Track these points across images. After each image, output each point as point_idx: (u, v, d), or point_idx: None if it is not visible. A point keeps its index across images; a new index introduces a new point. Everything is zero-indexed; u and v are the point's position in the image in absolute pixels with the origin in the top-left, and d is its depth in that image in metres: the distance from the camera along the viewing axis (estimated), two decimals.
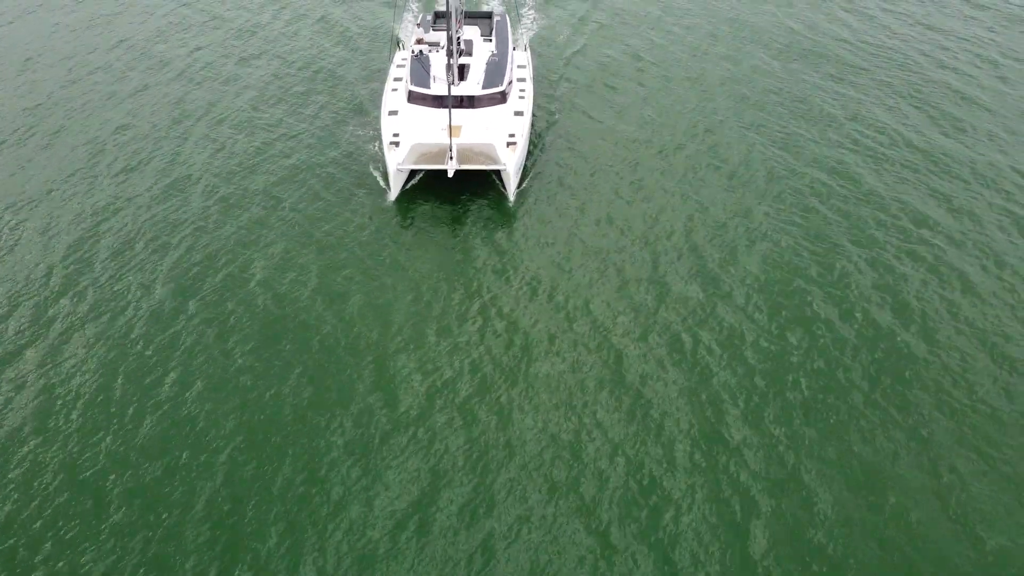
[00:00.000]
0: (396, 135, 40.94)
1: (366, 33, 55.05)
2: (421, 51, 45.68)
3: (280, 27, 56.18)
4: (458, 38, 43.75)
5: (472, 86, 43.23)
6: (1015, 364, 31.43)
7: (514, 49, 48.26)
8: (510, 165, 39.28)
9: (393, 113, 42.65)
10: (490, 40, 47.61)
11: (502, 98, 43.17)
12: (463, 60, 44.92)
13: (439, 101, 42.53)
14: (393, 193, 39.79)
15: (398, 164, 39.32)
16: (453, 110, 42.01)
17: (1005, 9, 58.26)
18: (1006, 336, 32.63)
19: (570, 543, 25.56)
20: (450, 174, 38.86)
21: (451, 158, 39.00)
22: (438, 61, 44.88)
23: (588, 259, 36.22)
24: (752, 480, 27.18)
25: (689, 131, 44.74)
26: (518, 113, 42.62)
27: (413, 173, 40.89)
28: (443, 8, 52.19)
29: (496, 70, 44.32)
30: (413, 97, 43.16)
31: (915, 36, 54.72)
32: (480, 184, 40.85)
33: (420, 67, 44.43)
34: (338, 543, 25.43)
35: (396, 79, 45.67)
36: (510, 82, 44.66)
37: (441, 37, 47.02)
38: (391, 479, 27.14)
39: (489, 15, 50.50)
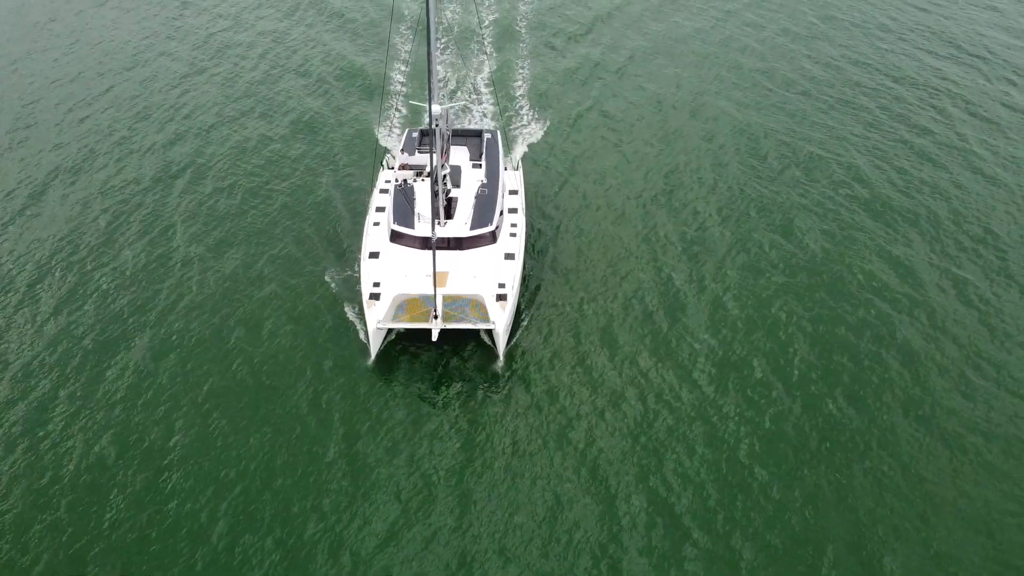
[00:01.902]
0: (377, 285, 37.72)
1: (350, 144, 51.83)
2: (405, 180, 42.44)
3: (253, 142, 53.03)
4: (444, 176, 40.55)
5: (459, 226, 40.02)
6: (947, 434, 33.32)
7: (505, 169, 45.09)
8: (499, 324, 36.06)
9: (374, 256, 39.40)
10: (480, 165, 44.31)
11: (492, 238, 39.99)
12: (450, 193, 41.76)
13: (424, 243, 39.36)
14: (373, 353, 36.49)
15: (378, 323, 36.09)
16: (440, 252, 38.92)
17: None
18: (941, 405, 34.51)
19: None
20: (434, 336, 35.60)
21: (435, 316, 35.81)
22: (423, 192, 41.64)
23: (578, 451, 33.02)
24: None
25: (701, 275, 41.67)
26: (509, 256, 39.41)
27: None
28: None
29: (486, 205, 41.13)
30: (396, 237, 39.97)
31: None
32: (466, 336, 37.67)
33: (404, 201, 41.22)
34: None
35: (378, 208, 42.44)
36: (501, 213, 41.54)
37: (427, 160, 43.88)
38: None
39: (479, 133, 46.99)
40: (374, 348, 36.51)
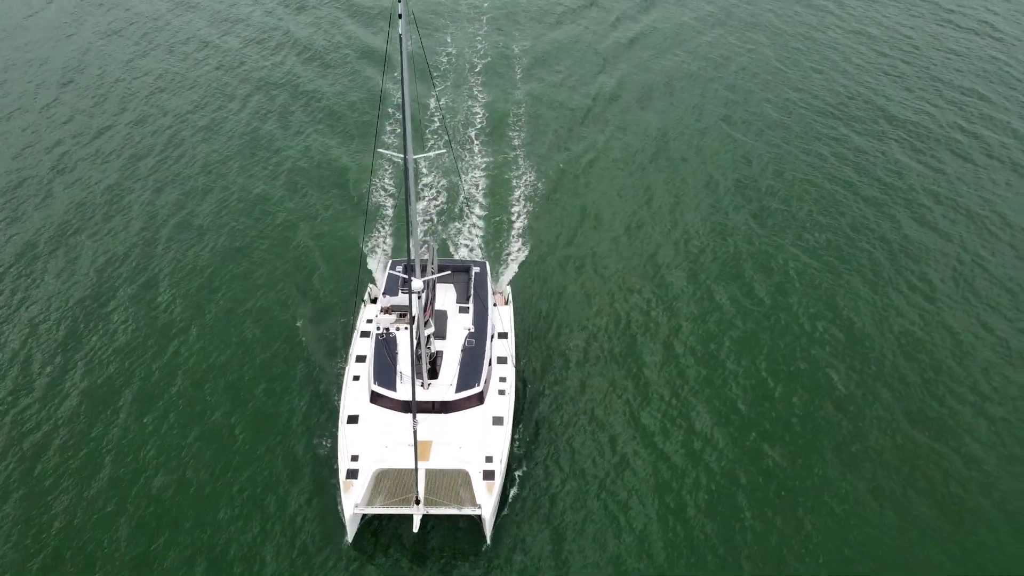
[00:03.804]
0: (355, 459, 35.29)
1: (331, 269, 49.41)
2: (387, 330, 40.04)
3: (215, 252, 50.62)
4: (428, 335, 38.04)
5: (444, 388, 37.58)
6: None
7: (494, 305, 42.65)
8: (486, 509, 33.61)
9: (353, 420, 36.98)
10: (467, 309, 41.76)
11: (479, 399, 37.60)
12: (435, 345, 39.28)
13: (406, 406, 36.96)
14: (350, 535, 34.10)
15: (356, 506, 33.63)
16: (423, 415, 36.58)
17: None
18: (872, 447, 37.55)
19: None
20: (416, 526, 33.12)
21: (417, 500, 33.31)
22: (406, 344, 39.16)
23: None
24: None
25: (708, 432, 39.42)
26: (497, 421, 36.98)
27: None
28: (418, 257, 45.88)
29: (473, 360, 38.69)
30: (376, 398, 37.55)
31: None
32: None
33: (385, 355, 38.78)
34: None
35: (359, 358, 39.99)
36: (489, 363, 39.16)
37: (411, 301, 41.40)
38: None
39: (467, 268, 44.04)
40: (351, 530, 34.12)
